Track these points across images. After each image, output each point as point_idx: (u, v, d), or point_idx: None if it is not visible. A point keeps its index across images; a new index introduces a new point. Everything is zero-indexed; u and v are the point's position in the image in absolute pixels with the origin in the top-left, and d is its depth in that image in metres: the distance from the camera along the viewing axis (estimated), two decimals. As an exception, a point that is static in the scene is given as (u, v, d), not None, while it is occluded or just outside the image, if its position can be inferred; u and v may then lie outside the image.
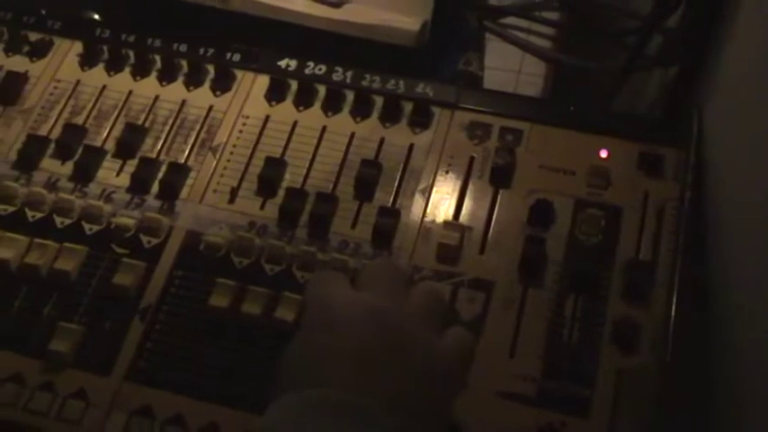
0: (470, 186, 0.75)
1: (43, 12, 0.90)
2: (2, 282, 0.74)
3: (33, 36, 0.88)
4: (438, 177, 0.76)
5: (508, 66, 0.91)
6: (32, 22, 0.89)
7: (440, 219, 0.74)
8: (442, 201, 0.75)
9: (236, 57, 0.85)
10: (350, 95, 0.81)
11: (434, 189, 0.76)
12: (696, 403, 0.68)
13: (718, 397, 0.66)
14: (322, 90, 0.82)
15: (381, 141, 0.79)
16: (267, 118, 0.81)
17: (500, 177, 0.75)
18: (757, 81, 0.65)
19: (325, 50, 0.84)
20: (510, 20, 0.95)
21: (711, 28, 0.74)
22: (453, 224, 0.73)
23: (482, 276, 0.71)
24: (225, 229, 0.75)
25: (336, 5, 0.86)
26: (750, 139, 0.66)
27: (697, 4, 0.75)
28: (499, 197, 0.75)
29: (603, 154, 0.76)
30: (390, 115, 0.80)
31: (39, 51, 0.87)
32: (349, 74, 0.83)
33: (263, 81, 0.83)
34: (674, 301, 0.67)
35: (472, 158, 0.77)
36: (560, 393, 0.66)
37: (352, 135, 0.79)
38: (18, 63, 0.87)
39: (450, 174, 0.76)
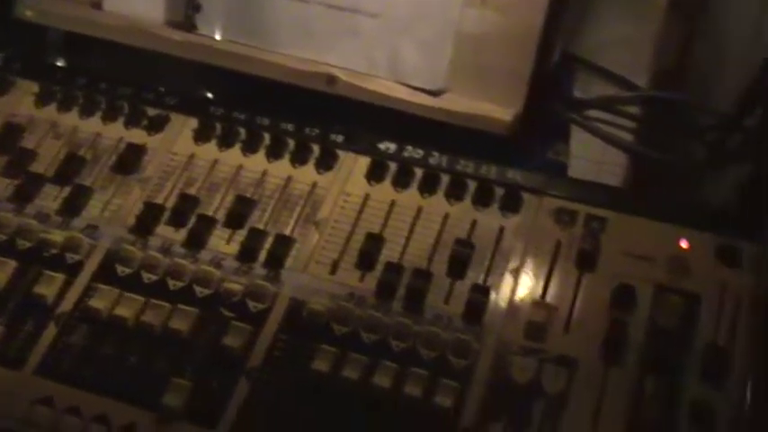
0: (556, 268, 0.80)
1: (161, 89, 0.98)
2: (119, 338, 0.80)
3: (152, 111, 0.96)
4: (526, 259, 0.81)
5: (591, 155, 0.97)
6: (151, 98, 0.97)
7: (528, 298, 0.79)
8: (530, 281, 0.80)
9: (340, 138, 0.92)
10: (445, 178, 0.87)
11: (523, 269, 0.81)
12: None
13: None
14: (419, 173, 0.88)
15: (473, 223, 0.84)
16: (367, 196, 0.87)
17: (585, 261, 0.80)
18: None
19: (423, 135, 0.90)
20: (594, 112, 1.01)
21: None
22: (541, 303, 0.78)
23: (567, 354, 0.75)
24: (326, 298, 0.81)
25: (435, 94, 0.92)
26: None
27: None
28: (584, 280, 0.79)
29: (684, 244, 0.80)
30: (482, 199, 0.85)
31: (156, 126, 0.95)
32: (444, 158, 0.89)
33: (363, 162, 0.90)
34: (750, 386, 0.71)
35: (559, 242, 0.82)
36: (639, 469, 0.70)
37: (446, 216, 0.85)
38: (137, 136, 0.94)
39: (538, 256, 0.81)
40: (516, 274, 0.81)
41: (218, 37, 0.99)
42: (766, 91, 0.81)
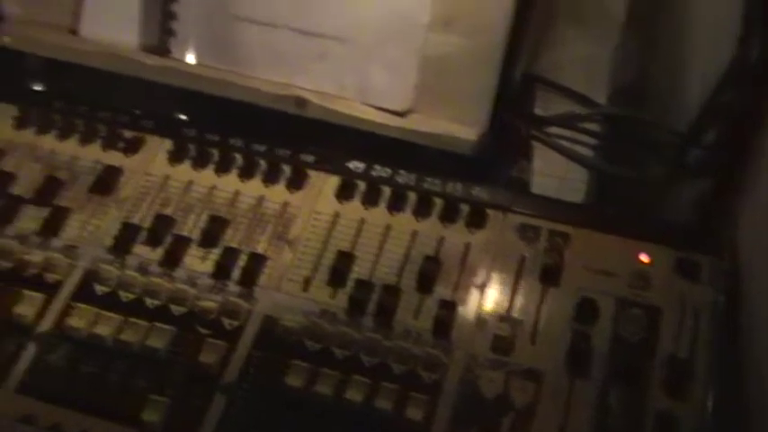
0: (521, 283, 0.83)
1: (137, 112, 1.00)
2: (98, 356, 0.82)
3: (128, 134, 0.98)
4: (492, 274, 0.84)
5: (554, 172, 0.99)
6: (127, 121, 0.99)
7: (494, 312, 0.81)
8: (496, 295, 0.83)
9: (310, 158, 0.94)
10: (412, 196, 0.90)
11: (489, 284, 0.83)
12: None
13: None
14: (387, 191, 0.91)
15: (441, 239, 0.87)
16: (337, 215, 0.90)
17: (549, 276, 0.83)
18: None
19: (391, 155, 0.93)
20: (556, 130, 1.04)
21: (746, 143, 0.82)
22: (507, 317, 0.81)
23: (533, 366, 0.78)
24: (299, 315, 0.83)
25: (402, 115, 0.95)
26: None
27: (734, 122, 0.83)
28: (548, 294, 0.82)
29: (644, 258, 0.83)
30: (449, 216, 0.88)
31: (132, 148, 0.97)
32: (412, 177, 0.92)
33: (333, 181, 0.92)
34: (711, 396, 0.74)
35: (523, 258, 0.85)
36: (606, 479, 0.72)
37: (414, 233, 0.88)
38: (113, 158, 0.96)
39: (504, 271, 0.84)
40: (482, 289, 0.83)
41: (191, 61, 1.01)
42: (721, 107, 0.84)
